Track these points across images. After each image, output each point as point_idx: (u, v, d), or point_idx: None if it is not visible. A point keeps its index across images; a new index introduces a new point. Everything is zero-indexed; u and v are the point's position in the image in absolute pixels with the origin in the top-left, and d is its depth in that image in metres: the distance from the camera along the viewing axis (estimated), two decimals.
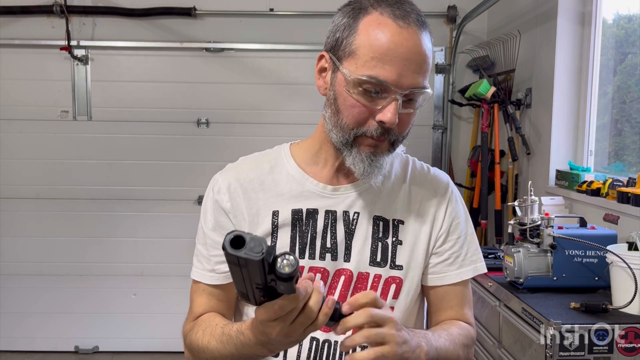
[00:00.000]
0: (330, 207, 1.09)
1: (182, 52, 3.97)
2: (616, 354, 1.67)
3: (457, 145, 4.05)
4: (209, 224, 1.12)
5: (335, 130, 1.04)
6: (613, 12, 2.80)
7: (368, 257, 1.09)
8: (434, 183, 1.19)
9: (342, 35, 1.01)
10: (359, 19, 0.98)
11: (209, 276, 1.11)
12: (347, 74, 0.98)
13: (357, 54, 0.97)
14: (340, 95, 1.01)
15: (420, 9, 1.01)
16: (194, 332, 1.07)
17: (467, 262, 1.16)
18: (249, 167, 1.14)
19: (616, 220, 2.28)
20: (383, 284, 1.09)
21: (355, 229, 1.09)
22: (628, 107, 2.70)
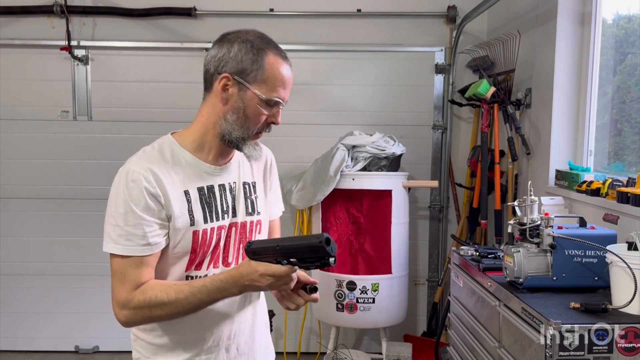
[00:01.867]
0: (219, 181, 1.50)
1: (182, 52, 3.97)
2: (616, 354, 1.67)
3: (457, 145, 4.05)
4: (140, 207, 1.37)
5: (238, 130, 1.43)
6: (613, 12, 2.80)
7: (244, 211, 1.53)
8: (267, 155, 1.67)
9: (250, 67, 1.40)
10: (262, 57, 1.40)
11: (144, 249, 1.38)
12: (260, 94, 1.41)
13: (266, 82, 1.41)
14: (250, 107, 1.42)
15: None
16: (148, 294, 1.37)
17: (280, 203, 1.76)
18: (156, 159, 1.43)
19: (616, 220, 2.29)
20: (255, 227, 1.56)
21: (236, 194, 1.53)
22: (628, 107, 2.70)
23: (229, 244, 1.50)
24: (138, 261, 1.38)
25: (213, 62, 1.44)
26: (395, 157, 3.56)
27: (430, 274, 4.10)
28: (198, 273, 1.46)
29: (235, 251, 1.52)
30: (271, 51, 1.41)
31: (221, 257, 1.49)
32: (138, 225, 1.36)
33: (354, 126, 3.81)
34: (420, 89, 4.01)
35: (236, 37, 1.41)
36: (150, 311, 1.37)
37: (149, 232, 1.37)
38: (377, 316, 3.44)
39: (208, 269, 1.47)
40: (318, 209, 3.52)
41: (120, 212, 1.37)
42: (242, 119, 1.42)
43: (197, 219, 1.42)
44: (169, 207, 1.39)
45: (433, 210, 4.08)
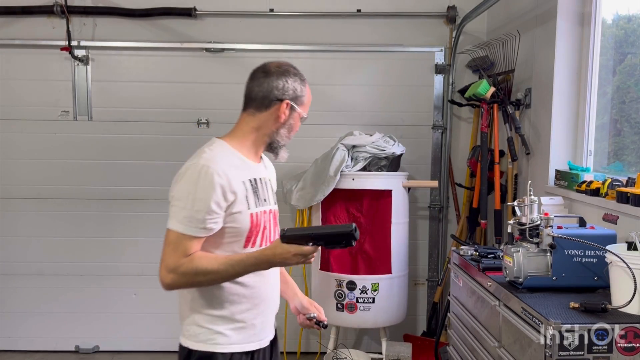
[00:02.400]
0: (259, 175, 1.85)
1: (182, 53, 3.97)
2: (615, 354, 1.68)
3: (456, 145, 4.05)
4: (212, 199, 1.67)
5: (284, 139, 1.86)
6: (612, 12, 2.80)
7: (274, 201, 1.92)
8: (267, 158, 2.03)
9: (299, 94, 1.84)
10: (304, 87, 1.86)
11: (200, 232, 1.68)
12: (302, 114, 1.87)
13: (305, 104, 1.87)
14: (296, 124, 1.87)
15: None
16: (195, 262, 1.66)
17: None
18: (221, 155, 1.76)
19: (615, 220, 2.29)
20: (275, 214, 1.92)
21: (268, 185, 1.89)
22: (627, 107, 2.70)
23: (270, 225, 1.85)
24: (192, 238, 1.67)
25: (276, 92, 1.79)
26: (395, 157, 3.56)
27: (430, 274, 4.10)
28: (252, 249, 1.78)
29: (274, 233, 1.88)
30: (305, 81, 1.87)
31: (267, 237, 1.83)
32: (202, 212, 1.66)
33: (354, 126, 3.81)
34: (420, 89, 4.01)
35: (287, 71, 1.82)
36: (194, 277, 1.66)
37: (209, 219, 1.67)
38: (377, 316, 3.44)
39: (261, 245, 1.80)
40: (318, 209, 3.52)
41: (190, 199, 1.67)
42: (288, 132, 1.86)
43: (251, 204, 1.76)
44: (234, 195, 1.71)
45: (433, 210, 4.08)
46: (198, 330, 1.77)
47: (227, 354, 1.76)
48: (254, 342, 1.83)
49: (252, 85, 1.84)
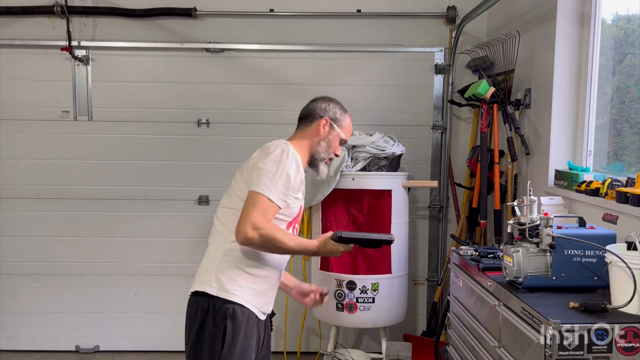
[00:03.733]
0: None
1: (182, 53, 3.98)
2: (615, 354, 1.68)
3: (456, 145, 4.05)
4: (297, 178, 2.01)
5: (324, 152, 2.20)
6: (612, 12, 2.80)
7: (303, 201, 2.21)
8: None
9: (338, 117, 2.24)
10: (345, 115, 2.28)
11: (281, 202, 1.97)
12: (340, 134, 2.23)
13: (344, 129, 2.25)
14: (334, 140, 2.22)
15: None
16: (275, 230, 1.92)
17: None
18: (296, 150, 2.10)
19: (615, 220, 2.29)
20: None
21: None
22: (627, 107, 2.70)
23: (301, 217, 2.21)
24: (275, 207, 1.95)
25: (319, 111, 2.21)
26: (395, 157, 3.56)
27: (430, 274, 4.11)
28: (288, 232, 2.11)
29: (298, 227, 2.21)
30: (347, 113, 2.29)
31: (296, 228, 2.17)
32: (287, 188, 1.97)
33: (354, 126, 3.79)
34: (420, 89, 4.01)
35: (331, 99, 2.27)
36: (268, 242, 1.91)
37: (291, 194, 1.99)
38: (376, 316, 3.44)
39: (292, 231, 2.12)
40: (318, 208, 3.52)
41: (283, 175, 1.96)
42: (327, 147, 2.19)
43: (302, 197, 2.13)
44: (302, 185, 2.07)
45: (433, 210, 4.08)
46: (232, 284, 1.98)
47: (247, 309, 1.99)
48: (263, 313, 2.09)
49: (303, 109, 2.26)
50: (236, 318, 1.96)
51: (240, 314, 1.97)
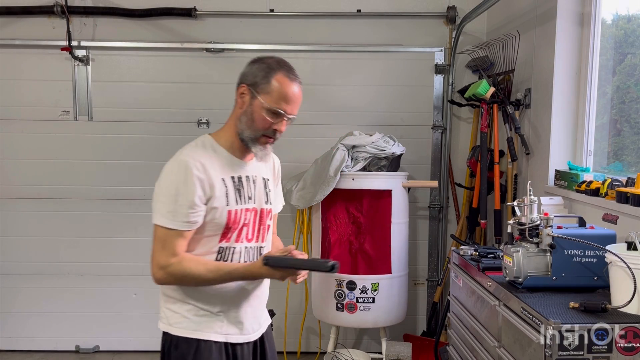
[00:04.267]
0: (245, 173, 1.87)
1: (182, 53, 3.98)
2: (615, 354, 1.68)
3: (456, 146, 4.05)
4: (192, 192, 1.72)
5: (248, 131, 1.80)
6: (612, 12, 2.80)
7: (262, 199, 1.91)
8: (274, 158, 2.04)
9: (260, 80, 1.77)
10: (271, 75, 1.77)
11: (185, 225, 1.73)
12: (263, 102, 1.77)
13: (270, 94, 1.76)
14: (256, 112, 1.78)
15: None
16: (184, 265, 1.72)
17: (281, 200, 2.12)
18: (201, 152, 1.80)
19: (615, 220, 2.29)
20: (267, 214, 1.93)
21: (256, 185, 1.89)
22: (627, 107, 2.70)
23: (250, 224, 1.87)
24: (178, 234, 1.72)
25: (240, 77, 1.81)
26: (395, 157, 3.56)
27: (430, 274, 4.11)
28: (228, 244, 1.82)
29: (255, 231, 1.89)
30: (280, 71, 1.78)
31: (244, 234, 1.85)
32: (184, 205, 1.70)
33: (354, 126, 3.82)
34: (420, 89, 4.01)
35: (259, 59, 1.81)
36: (182, 279, 1.75)
37: (191, 213, 1.72)
38: (377, 316, 3.44)
39: (236, 242, 1.83)
40: (318, 208, 3.52)
41: (171, 193, 1.71)
42: (250, 122, 1.78)
43: (230, 201, 1.79)
44: (212, 190, 1.75)
45: (433, 210, 4.08)
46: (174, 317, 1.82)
47: (194, 340, 1.79)
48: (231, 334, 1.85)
49: None
50: (181, 352, 1.79)
51: (186, 347, 1.79)
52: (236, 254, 1.83)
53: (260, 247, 1.91)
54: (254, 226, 1.88)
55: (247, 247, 1.86)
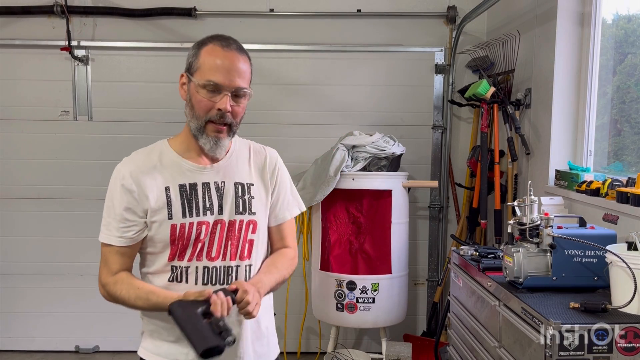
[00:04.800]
0: (204, 179, 1.61)
1: (182, 53, 3.92)
2: (615, 354, 1.67)
3: (456, 145, 4.05)
4: (120, 205, 1.56)
5: (193, 121, 1.57)
6: (612, 12, 2.80)
7: (234, 209, 1.62)
8: (269, 155, 1.75)
9: (192, 60, 1.57)
10: (200, 49, 1.56)
11: (119, 240, 1.57)
12: (195, 81, 1.54)
13: (200, 69, 1.54)
14: (193, 96, 1.56)
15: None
16: (117, 287, 1.56)
17: (293, 205, 1.78)
18: (143, 158, 1.62)
19: (615, 220, 2.29)
20: (246, 226, 1.64)
21: (223, 192, 1.62)
22: (627, 107, 2.70)
23: (214, 239, 1.60)
24: (114, 250, 1.58)
25: None
26: (395, 157, 3.56)
27: (430, 274, 4.10)
28: (181, 264, 1.59)
29: (222, 247, 1.61)
30: (211, 42, 1.56)
31: (205, 251, 1.59)
32: (115, 219, 1.57)
33: (354, 126, 3.81)
34: (420, 89, 4.01)
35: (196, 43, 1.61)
36: (116, 301, 1.60)
37: (122, 227, 1.56)
38: (377, 316, 3.44)
39: (191, 260, 1.58)
40: (318, 208, 3.52)
41: (107, 205, 1.60)
42: (191, 110, 1.57)
43: (174, 213, 1.56)
44: (147, 202, 1.55)
45: (433, 210, 4.08)
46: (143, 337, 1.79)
47: None
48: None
49: None
50: None
51: None
52: (191, 274, 1.58)
53: (234, 267, 1.60)
54: (219, 242, 1.59)
55: (208, 267, 1.58)
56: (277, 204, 1.73)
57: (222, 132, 1.57)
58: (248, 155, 1.72)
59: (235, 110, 1.56)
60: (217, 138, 1.57)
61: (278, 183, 1.74)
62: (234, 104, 1.55)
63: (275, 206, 1.73)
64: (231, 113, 1.55)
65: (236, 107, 1.55)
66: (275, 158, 1.77)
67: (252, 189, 1.66)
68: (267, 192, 1.70)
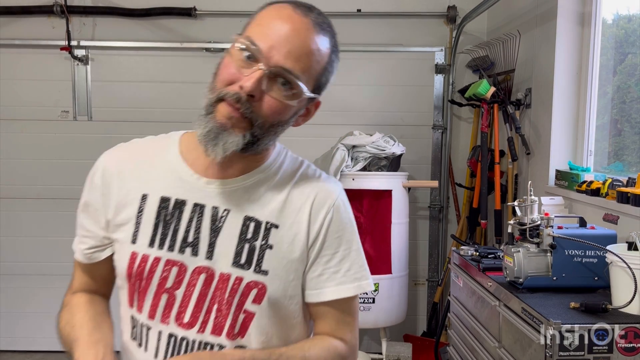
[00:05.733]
0: (200, 200, 1.06)
1: (182, 52, 3.97)
2: (616, 354, 1.67)
3: (456, 145, 4.05)
4: (82, 201, 1.18)
5: (207, 96, 1.05)
6: (613, 12, 2.80)
7: (232, 258, 1.04)
8: (321, 191, 1.13)
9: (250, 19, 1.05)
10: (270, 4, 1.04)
11: (79, 253, 1.16)
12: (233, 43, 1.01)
13: (249, 25, 1.03)
14: (222, 61, 1.05)
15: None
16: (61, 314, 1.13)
17: (348, 278, 1.10)
18: (135, 150, 1.17)
19: (616, 220, 2.29)
20: (244, 288, 1.04)
21: (222, 226, 1.05)
22: (628, 107, 2.70)
23: (190, 295, 1.04)
24: (76, 262, 1.19)
25: None
26: (395, 157, 3.56)
27: (430, 274, 4.10)
28: (139, 317, 1.07)
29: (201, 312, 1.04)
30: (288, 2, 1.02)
31: (175, 310, 1.04)
32: (78, 222, 1.20)
33: (354, 126, 3.81)
34: (420, 89, 4.01)
35: None
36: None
37: (80, 234, 1.18)
38: (377, 316, 3.43)
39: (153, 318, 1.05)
40: None
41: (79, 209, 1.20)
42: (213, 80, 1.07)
43: (140, 237, 1.06)
44: (119, 210, 1.09)
45: (433, 210, 4.08)
46: None
47: None
48: None
49: None
50: None
51: None
52: (152, 339, 1.06)
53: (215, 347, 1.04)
54: (199, 302, 1.04)
55: (175, 337, 1.05)
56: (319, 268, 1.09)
57: (232, 119, 0.99)
58: (291, 178, 1.12)
59: (268, 104, 0.99)
60: (221, 127, 0.99)
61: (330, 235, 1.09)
62: (271, 93, 0.98)
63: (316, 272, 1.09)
64: (255, 101, 0.98)
65: (273, 100, 0.99)
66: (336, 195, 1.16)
67: (275, 233, 1.06)
68: (304, 244, 1.07)
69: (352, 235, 1.14)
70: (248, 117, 0.99)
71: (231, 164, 1.06)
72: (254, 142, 1.02)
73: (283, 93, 1.00)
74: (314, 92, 1.06)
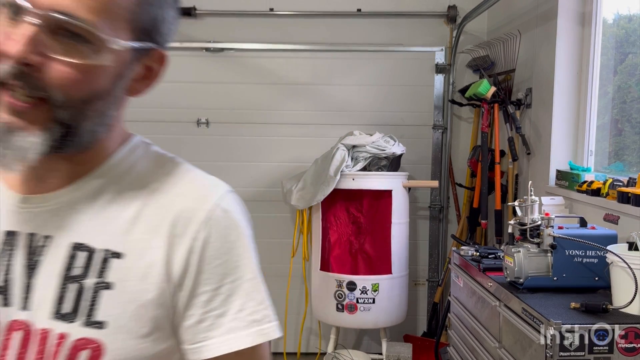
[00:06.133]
0: (12, 225, 0.73)
1: (182, 52, 3.96)
2: (616, 354, 1.67)
3: (457, 145, 4.04)
4: None
5: None
6: (613, 12, 2.80)
7: (54, 306, 0.70)
8: (188, 198, 0.77)
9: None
10: None
11: None
12: None
13: None
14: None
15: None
16: None
17: (241, 322, 0.73)
18: None
19: (616, 220, 2.28)
20: (70, 349, 0.69)
21: (41, 260, 0.72)
22: (628, 107, 2.69)
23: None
24: None
25: None
26: (395, 157, 3.56)
27: (430, 274, 4.10)
28: None
29: None
30: None
31: None
32: None
33: (354, 126, 3.81)
34: (421, 89, 4.00)
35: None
36: None
37: None
38: (377, 316, 3.43)
39: None
40: (318, 209, 3.52)
41: None
42: None
43: None
44: None
45: (433, 210, 4.07)
46: None
47: None
48: None
49: None
50: None
51: None
52: None
53: None
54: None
55: None
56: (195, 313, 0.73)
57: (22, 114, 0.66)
58: (146, 184, 0.79)
59: (54, 69, 0.65)
60: (8, 129, 0.65)
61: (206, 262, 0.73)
62: (53, 53, 0.65)
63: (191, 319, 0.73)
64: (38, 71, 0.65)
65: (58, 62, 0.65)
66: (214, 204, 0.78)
67: (117, 265, 0.72)
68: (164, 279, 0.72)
69: (243, 259, 0.75)
70: (43, 98, 0.65)
71: (52, 172, 0.74)
72: (69, 133, 0.69)
73: (76, 50, 0.66)
74: (139, 39, 0.75)
